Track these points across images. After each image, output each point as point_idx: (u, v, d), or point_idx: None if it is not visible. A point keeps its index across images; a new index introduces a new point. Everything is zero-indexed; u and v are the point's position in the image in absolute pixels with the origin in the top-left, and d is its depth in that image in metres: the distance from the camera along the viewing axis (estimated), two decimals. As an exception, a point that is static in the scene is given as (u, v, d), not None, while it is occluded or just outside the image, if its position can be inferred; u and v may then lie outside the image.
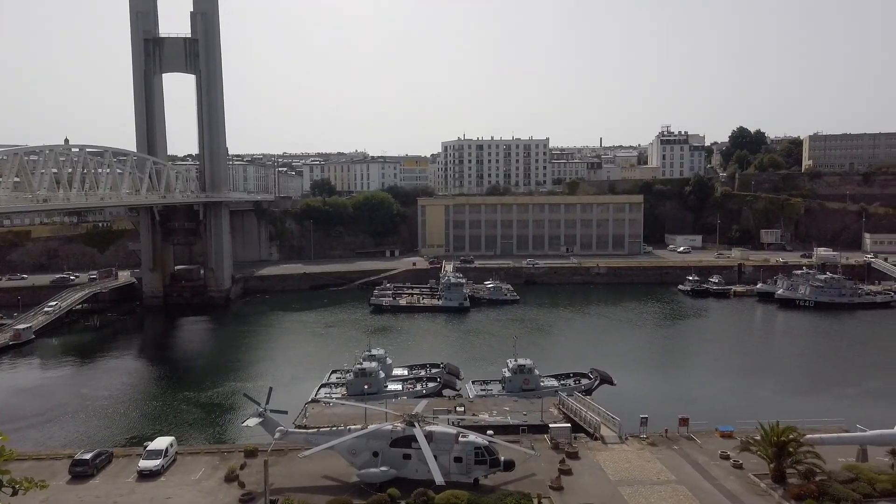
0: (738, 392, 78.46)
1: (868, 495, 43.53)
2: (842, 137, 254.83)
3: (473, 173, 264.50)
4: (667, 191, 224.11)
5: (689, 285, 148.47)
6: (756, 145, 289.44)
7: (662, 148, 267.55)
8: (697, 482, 46.88)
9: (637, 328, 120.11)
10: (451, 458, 45.48)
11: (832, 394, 77.80)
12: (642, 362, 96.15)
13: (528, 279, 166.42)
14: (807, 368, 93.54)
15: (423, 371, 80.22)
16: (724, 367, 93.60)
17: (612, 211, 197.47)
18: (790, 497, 43.67)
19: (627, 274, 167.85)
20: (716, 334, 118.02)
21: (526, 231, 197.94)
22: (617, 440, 54.80)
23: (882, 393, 77.55)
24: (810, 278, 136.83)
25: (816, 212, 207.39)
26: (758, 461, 48.08)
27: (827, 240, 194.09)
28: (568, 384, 74.41)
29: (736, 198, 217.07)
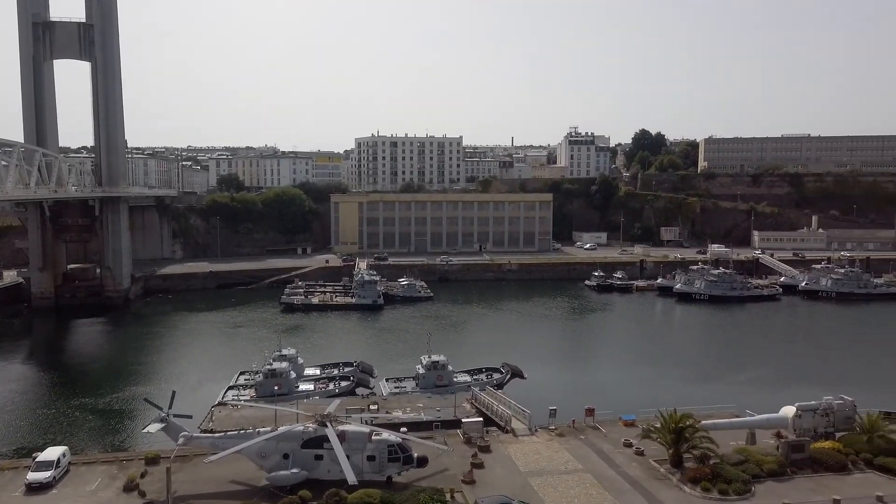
0: (640, 382, 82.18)
1: (756, 475, 46.73)
2: (733, 141, 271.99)
3: (388, 170, 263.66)
4: (574, 190, 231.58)
5: (595, 281, 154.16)
6: (657, 147, 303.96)
7: (570, 148, 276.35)
8: (602, 470, 48.77)
9: (547, 322, 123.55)
10: (364, 457, 45.14)
11: (725, 381, 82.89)
12: (552, 355, 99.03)
13: (442, 276, 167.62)
14: (702, 358, 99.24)
15: (335, 370, 79.18)
16: (627, 358, 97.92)
17: (523, 209, 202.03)
18: (687, 480, 46.23)
19: (538, 270, 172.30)
20: (620, 327, 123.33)
21: (440, 228, 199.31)
22: (527, 432, 56.14)
23: (769, 380, 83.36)
24: (705, 273, 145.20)
25: (711, 211, 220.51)
26: (658, 447, 50.54)
27: (720, 237, 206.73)
28: (480, 379, 75.50)
29: (638, 197, 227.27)
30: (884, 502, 43.52)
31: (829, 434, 52.82)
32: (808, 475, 47.55)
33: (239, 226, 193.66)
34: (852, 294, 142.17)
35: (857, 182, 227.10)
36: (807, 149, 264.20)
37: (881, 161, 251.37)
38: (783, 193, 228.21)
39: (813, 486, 45.96)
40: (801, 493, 44.87)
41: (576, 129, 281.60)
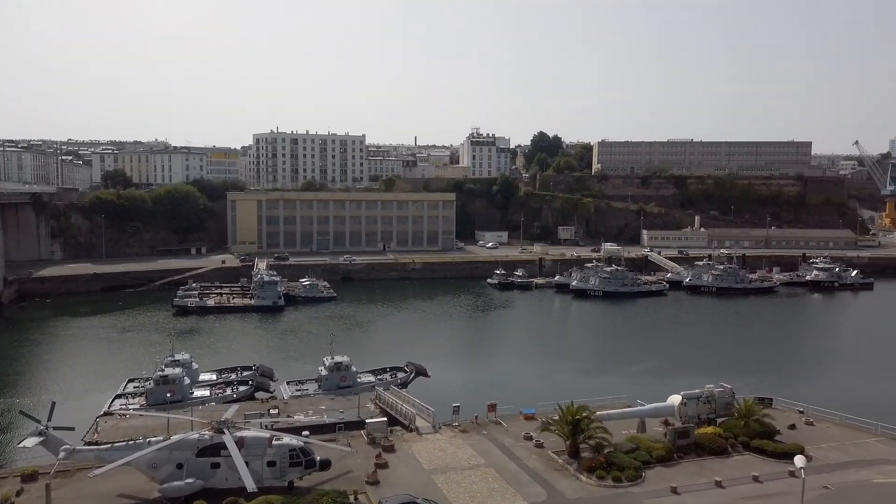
0: (539, 376, 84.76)
1: (646, 462, 49.36)
2: (624, 144, 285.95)
3: (288, 168, 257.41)
4: (477, 190, 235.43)
5: (497, 279, 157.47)
6: (554, 149, 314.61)
7: (473, 149, 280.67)
8: (504, 464, 49.87)
9: (451, 320, 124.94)
10: (264, 463, 43.82)
11: (618, 373, 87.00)
12: (456, 353, 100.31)
13: (345, 276, 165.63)
14: (597, 351, 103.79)
15: (233, 374, 76.41)
16: (527, 353, 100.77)
17: (426, 208, 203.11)
18: (583, 469, 48.13)
19: (441, 269, 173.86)
20: (520, 324, 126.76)
21: (343, 227, 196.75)
22: (431, 430, 56.47)
23: (657, 370, 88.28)
24: (599, 270, 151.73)
25: (604, 211, 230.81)
26: (556, 439, 52.29)
27: (613, 236, 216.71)
28: (385, 379, 75.22)
29: (537, 197, 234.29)
30: (759, 481, 47.10)
31: (711, 420, 56.55)
32: (692, 459, 50.72)
33: (127, 225, 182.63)
34: (730, 289, 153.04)
35: (734, 185, 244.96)
36: (690, 153, 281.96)
37: (755, 165, 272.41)
38: (669, 195, 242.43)
39: (697, 470, 49.07)
40: (686, 477, 47.78)
41: (477, 130, 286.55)
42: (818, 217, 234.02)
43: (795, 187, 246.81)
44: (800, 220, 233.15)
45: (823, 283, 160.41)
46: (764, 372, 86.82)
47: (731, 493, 45.41)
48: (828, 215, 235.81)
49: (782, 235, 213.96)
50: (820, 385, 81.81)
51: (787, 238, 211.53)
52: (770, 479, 47.30)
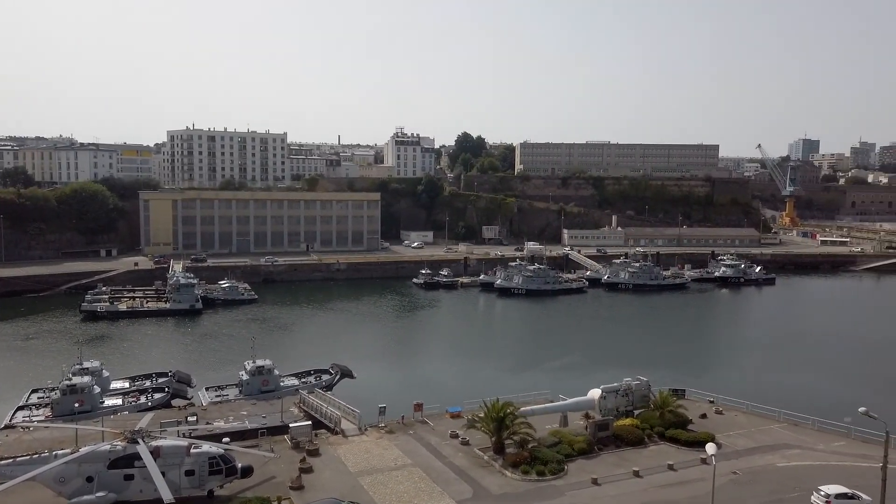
0: (465, 374, 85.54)
1: (569, 455, 50.75)
2: (545, 146, 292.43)
3: (205, 166, 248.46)
4: (401, 189, 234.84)
5: (423, 278, 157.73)
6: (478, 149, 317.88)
7: (397, 148, 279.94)
8: (431, 462, 50.03)
9: (377, 321, 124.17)
10: (181, 472, 42.20)
11: (541, 369, 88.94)
12: (382, 353, 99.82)
13: (266, 277, 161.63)
14: (521, 348, 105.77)
15: (148, 382, 73.14)
16: (454, 352, 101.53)
17: (351, 208, 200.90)
18: (508, 465, 48.94)
19: (367, 269, 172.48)
20: (446, 323, 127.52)
21: (264, 227, 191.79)
22: (357, 432, 55.98)
23: (578, 365, 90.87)
24: (522, 269, 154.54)
25: (527, 210, 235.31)
26: (482, 436, 52.93)
27: (535, 235, 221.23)
28: (309, 381, 73.96)
29: (462, 197, 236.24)
30: (674, 469, 49.32)
31: (629, 412, 58.73)
32: (612, 451, 52.55)
33: (28, 226, 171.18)
34: (646, 285, 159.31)
35: (648, 185, 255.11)
36: (607, 155, 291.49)
37: (667, 167, 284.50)
38: (588, 195, 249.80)
39: (616, 461, 50.85)
40: (606, 468, 49.44)
41: (402, 129, 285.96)
42: (725, 216, 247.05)
43: (704, 188, 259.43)
44: (709, 219, 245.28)
45: (730, 278, 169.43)
46: (677, 364, 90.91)
47: (647, 482, 47.31)
48: (734, 215, 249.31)
49: (693, 234, 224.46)
50: (728, 375, 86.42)
51: (697, 236, 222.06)
52: (684, 466, 49.60)
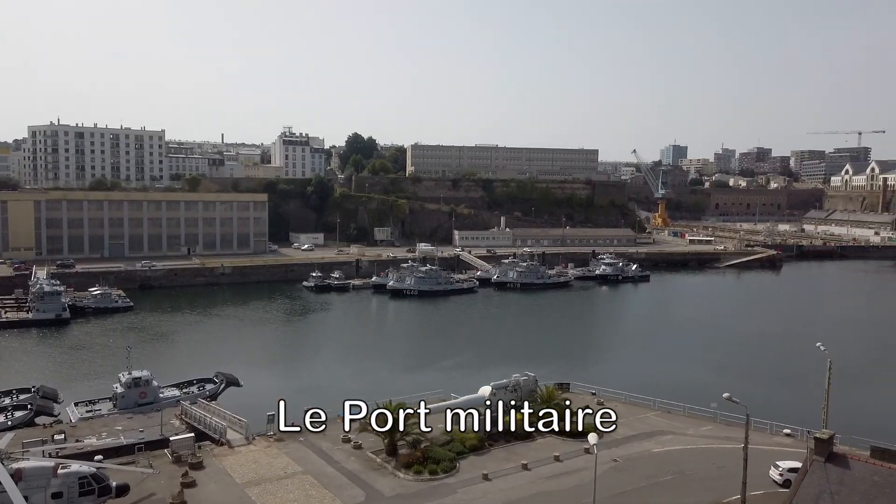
0: (358, 376, 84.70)
1: (461, 452, 51.49)
2: (436, 148, 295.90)
3: (72, 164, 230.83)
4: (290, 190, 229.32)
5: (313, 281, 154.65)
6: (369, 150, 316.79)
7: (285, 148, 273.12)
8: (322, 469, 49.11)
9: (265, 326, 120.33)
10: (47, 495, 38.87)
11: (434, 368, 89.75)
12: (271, 359, 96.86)
13: (143, 283, 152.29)
14: (414, 348, 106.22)
15: (7, 399, 66.79)
16: (346, 354, 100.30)
17: (236, 209, 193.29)
18: (401, 466, 48.95)
19: (254, 273, 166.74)
20: (338, 326, 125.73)
21: (140, 230, 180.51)
22: (244, 442, 53.98)
23: (470, 363, 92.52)
24: (414, 270, 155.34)
25: (418, 212, 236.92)
26: (375, 439, 52.59)
27: (427, 236, 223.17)
28: (191, 392, 70.39)
29: (353, 198, 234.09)
30: (559, 460, 51.33)
31: (518, 407, 60.40)
32: (502, 446, 53.89)
33: None
34: (533, 284, 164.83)
35: (534, 188, 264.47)
36: (496, 157, 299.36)
37: (551, 170, 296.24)
38: (478, 197, 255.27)
39: (506, 455, 52.20)
40: (497, 463, 50.63)
41: (290, 129, 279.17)
42: (605, 217, 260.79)
43: (586, 191, 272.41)
44: (590, 220, 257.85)
45: (610, 276, 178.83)
46: (562, 359, 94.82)
47: (535, 474, 48.93)
48: (612, 216, 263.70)
49: (575, 234, 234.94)
50: (609, 368, 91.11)
51: (579, 236, 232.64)
52: (569, 457, 51.73)
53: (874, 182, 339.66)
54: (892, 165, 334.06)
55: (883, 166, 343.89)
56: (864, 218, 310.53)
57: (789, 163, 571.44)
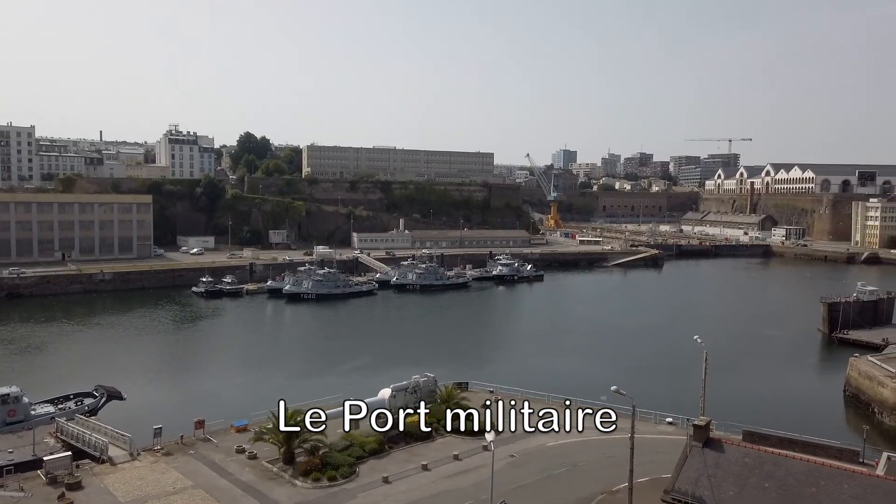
0: (253, 385, 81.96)
1: (360, 457, 51.04)
2: (333, 149, 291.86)
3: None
4: (177, 191, 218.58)
5: (204, 286, 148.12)
6: (263, 150, 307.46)
7: (171, 147, 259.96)
8: (214, 481, 47.13)
9: (151, 335, 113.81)
10: None
11: (333, 373, 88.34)
12: (157, 370, 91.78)
13: (11, 292, 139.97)
14: (312, 353, 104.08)
15: None
16: (240, 362, 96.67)
17: (117, 211, 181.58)
18: (299, 474, 47.85)
19: (137, 279, 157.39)
20: (231, 332, 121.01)
21: (7, 234, 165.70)
22: (128, 458, 50.84)
23: (370, 366, 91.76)
24: (312, 273, 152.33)
25: (315, 214, 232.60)
26: (271, 448, 51.12)
27: (325, 238, 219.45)
28: (68, 407, 65.29)
29: (246, 200, 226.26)
30: (459, 459, 52.03)
31: (418, 408, 60.63)
32: (402, 448, 53.94)
33: None
34: (432, 285, 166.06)
35: (432, 190, 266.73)
36: (394, 159, 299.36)
37: (449, 173, 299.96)
38: (376, 198, 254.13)
39: (406, 457, 52.28)
40: (397, 465, 50.59)
41: (176, 127, 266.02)
42: (501, 219, 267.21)
43: (482, 193, 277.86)
44: (487, 221, 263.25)
45: (506, 276, 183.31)
46: (461, 359, 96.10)
47: (435, 474, 49.34)
48: (508, 217, 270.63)
49: (473, 236, 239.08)
50: (507, 366, 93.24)
51: (477, 238, 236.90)
52: (468, 455, 52.56)
53: (743, 186, 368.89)
54: (758, 170, 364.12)
55: (750, 171, 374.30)
56: (734, 219, 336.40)
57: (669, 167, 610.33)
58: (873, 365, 78.13)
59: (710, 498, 35.55)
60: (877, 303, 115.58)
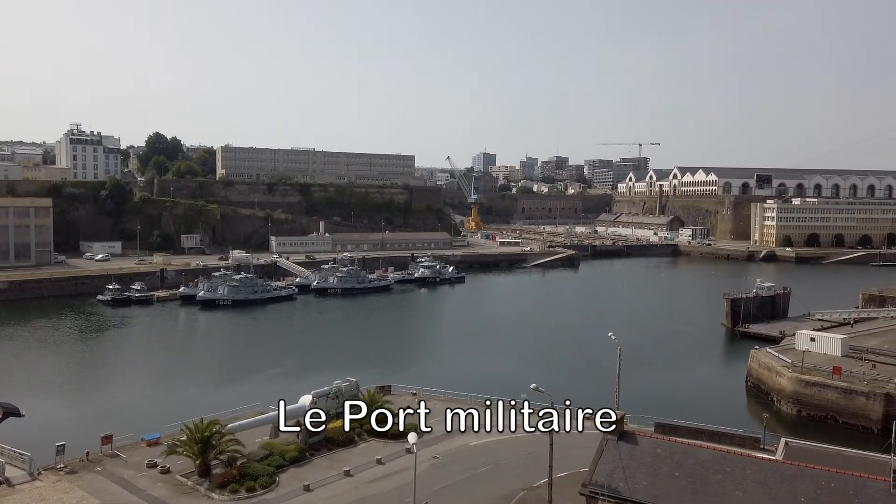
0: (165, 396, 78.53)
1: (280, 466, 49.80)
2: (249, 150, 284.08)
3: None
4: (80, 194, 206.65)
5: (110, 294, 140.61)
6: (173, 152, 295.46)
7: (73, 148, 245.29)
8: (125, 499, 44.83)
9: (52, 347, 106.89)
10: None
11: (252, 381, 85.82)
12: (59, 384, 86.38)
13: None
14: (229, 362, 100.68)
15: None
16: (150, 374, 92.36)
17: (12, 216, 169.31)
18: (216, 486, 46.19)
19: (36, 287, 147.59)
20: (141, 342, 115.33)
21: None
22: (28, 478, 47.62)
23: (290, 373, 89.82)
24: (228, 279, 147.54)
25: (231, 217, 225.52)
26: (185, 461, 49.10)
27: (241, 242, 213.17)
28: (-43, 428, 60.41)
29: (156, 203, 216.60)
30: (382, 463, 51.70)
31: (340, 413, 59.80)
32: (324, 454, 53.07)
33: None
34: (353, 289, 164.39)
35: (353, 192, 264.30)
36: (313, 161, 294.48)
37: (370, 175, 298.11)
38: (295, 201, 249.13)
39: (328, 464, 51.45)
40: (318, 473, 49.70)
41: (78, 126, 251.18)
42: (422, 221, 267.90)
43: (403, 195, 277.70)
44: (408, 224, 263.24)
45: (428, 278, 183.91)
46: (384, 362, 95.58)
47: (358, 480, 48.83)
48: (429, 220, 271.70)
49: (395, 238, 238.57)
50: (430, 367, 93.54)
51: (398, 240, 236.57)
52: (391, 459, 52.34)
53: (652, 188, 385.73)
54: (666, 173, 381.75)
55: (659, 174, 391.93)
56: (645, 220, 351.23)
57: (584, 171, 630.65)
58: (772, 356, 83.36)
59: (625, 489, 36.89)
60: (774, 298, 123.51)
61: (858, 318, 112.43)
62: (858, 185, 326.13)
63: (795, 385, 74.61)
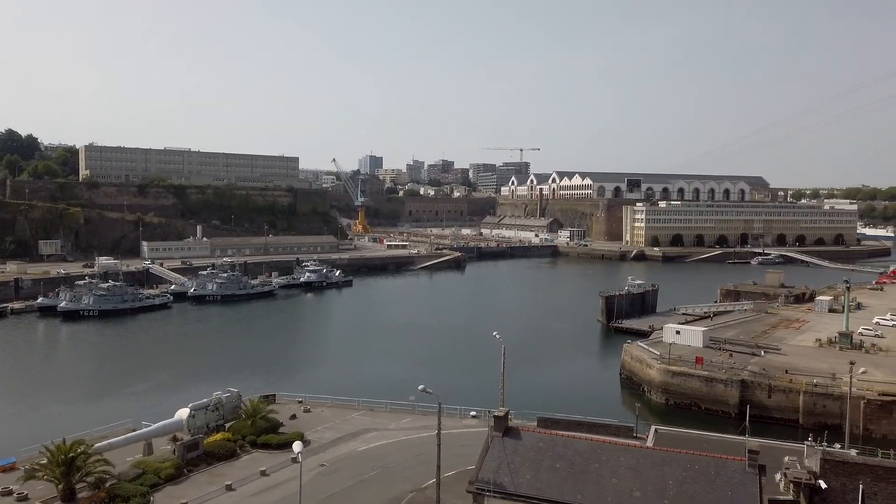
0: (21, 418, 71.73)
1: (155, 485, 46.83)
2: (117, 150, 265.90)
3: None
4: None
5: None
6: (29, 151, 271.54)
7: None
8: (-27, 534, 40.44)
9: None
10: None
11: (121, 396, 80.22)
12: None
13: None
14: (95, 377, 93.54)
15: None
16: (2, 393, 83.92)
17: None
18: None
19: None
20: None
21: None
22: None
23: (165, 387, 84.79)
24: (94, 288, 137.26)
25: (96, 221, 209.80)
26: (47, 486, 45.10)
27: (108, 248, 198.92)
28: None
29: (9, 206, 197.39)
30: (266, 475, 49.97)
31: (221, 426, 57.33)
32: (203, 470, 50.50)
33: None
34: (234, 295, 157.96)
35: (233, 195, 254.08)
36: (188, 162, 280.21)
37: (251, 177, 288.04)
38: (169, 204, 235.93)
39: (208, 479, 49.04)
40: (197, 489, 47.26)
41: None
42: (308, 224, 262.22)
43: (287, 198, 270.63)
44: (293, 227, 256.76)
45: (314, 283, 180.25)
46: (268, 370, 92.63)
47: (240, 494, 46.93)
48: (315, 223, 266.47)
49: (279, 242, 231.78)
50: (316, 374, 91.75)
51: (283, 244, 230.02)
52: (275, 469, 50.74)
53: (533, 192, 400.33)
54: (546, 178, 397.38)
55: (539, 178, 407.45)
56: (527, 222, 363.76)
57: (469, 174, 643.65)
58: (642, 349, 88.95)
59: (510, 483, 37.96)
60: (644, 294, 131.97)
61: (717, 311, 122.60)
62: (716, 188, 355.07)
63: (663, 375, 80.00)
